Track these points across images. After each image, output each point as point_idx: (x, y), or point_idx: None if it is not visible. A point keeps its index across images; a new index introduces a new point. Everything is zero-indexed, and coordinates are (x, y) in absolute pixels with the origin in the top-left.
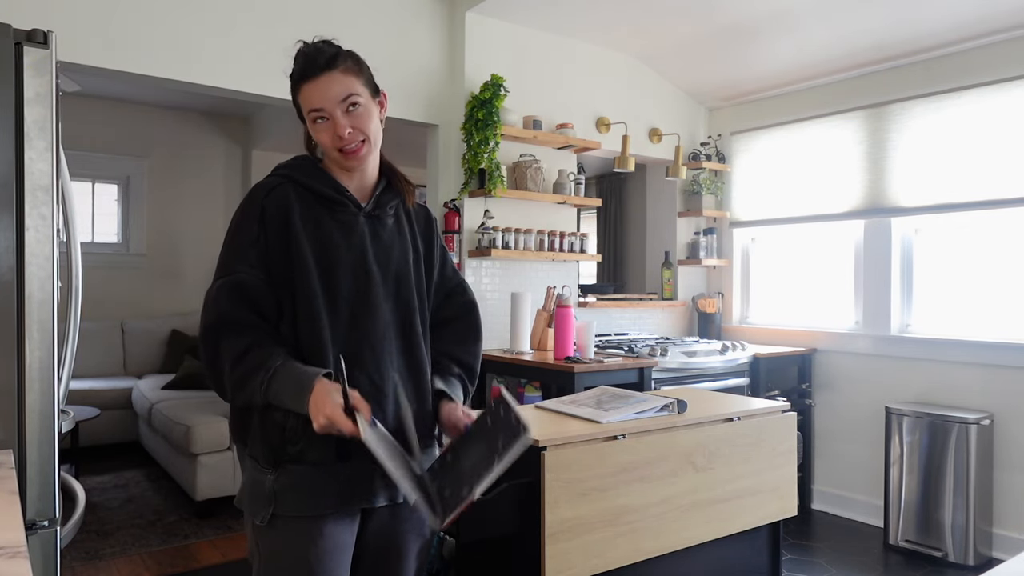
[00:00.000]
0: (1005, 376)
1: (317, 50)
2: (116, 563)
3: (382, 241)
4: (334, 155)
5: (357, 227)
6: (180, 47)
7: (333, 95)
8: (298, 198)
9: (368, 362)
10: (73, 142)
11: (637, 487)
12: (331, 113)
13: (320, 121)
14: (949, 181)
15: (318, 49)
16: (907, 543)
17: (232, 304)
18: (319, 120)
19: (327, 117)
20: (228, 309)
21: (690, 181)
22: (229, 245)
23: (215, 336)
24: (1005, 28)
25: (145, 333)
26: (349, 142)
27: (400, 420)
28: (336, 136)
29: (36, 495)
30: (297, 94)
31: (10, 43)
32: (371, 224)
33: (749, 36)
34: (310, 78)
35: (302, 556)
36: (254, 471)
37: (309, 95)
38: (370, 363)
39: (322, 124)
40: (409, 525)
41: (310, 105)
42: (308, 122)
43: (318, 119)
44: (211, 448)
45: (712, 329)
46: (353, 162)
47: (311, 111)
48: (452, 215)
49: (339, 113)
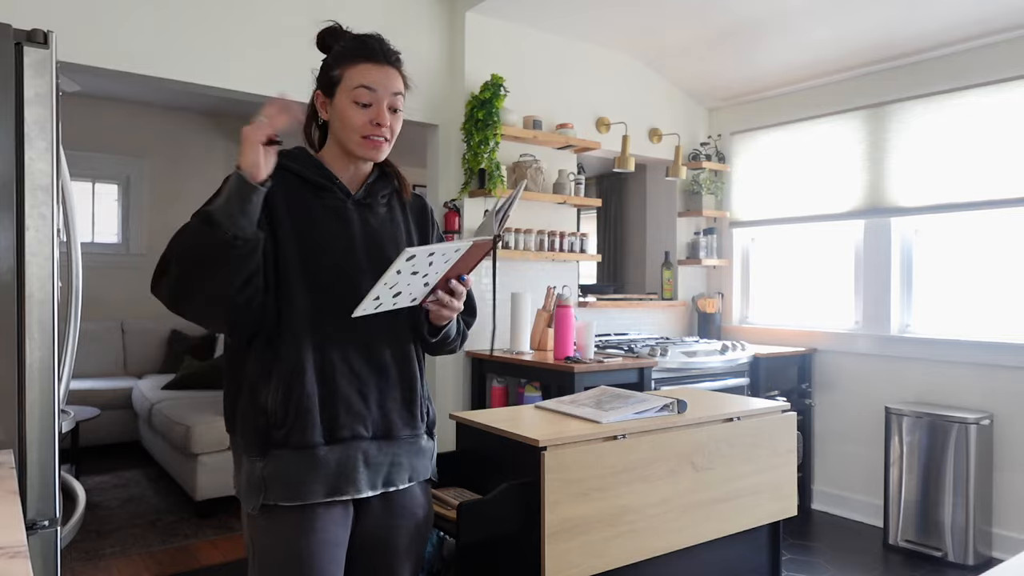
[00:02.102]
0: (1005, 376)
1: (383, 41)
2: (116, 563)
3: (371, 228)
4: (356, 139)
5: (345, 213)
6: (180, 47)
7: (390, 85)
8: (286, 183)
9: (351, 348)
10: (73, 142)
11: (637, 487)
12: (380, 100)
13: (363, 103)
14: (949, 181)
15: (384, 41)
16: (907, 543)
17: None
18: (363, 100)
19: (372, 103)
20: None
21: (690, 181)
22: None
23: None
24: (1005, 28)
25: (145, 333)
26: (381, 132)
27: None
28: (374, 122)
29: (36, 495)
30: (348, 67)
31: (10, 43)
32: (360, 211)
33: (749, 36)
34: (374, 61)
35: (295, 550)
36: (247, 461)
37: (367, 73)
38: (352, 349)
39: (364, 107)
40: (403, 519)
41: (365, 81)
42: (346, 97)
43: (362, 100)
44: (211, 448)
45: (712, 329)
46: (372, 152)
47: (361, 86)
48: (452, 215)
49: (385, 104)
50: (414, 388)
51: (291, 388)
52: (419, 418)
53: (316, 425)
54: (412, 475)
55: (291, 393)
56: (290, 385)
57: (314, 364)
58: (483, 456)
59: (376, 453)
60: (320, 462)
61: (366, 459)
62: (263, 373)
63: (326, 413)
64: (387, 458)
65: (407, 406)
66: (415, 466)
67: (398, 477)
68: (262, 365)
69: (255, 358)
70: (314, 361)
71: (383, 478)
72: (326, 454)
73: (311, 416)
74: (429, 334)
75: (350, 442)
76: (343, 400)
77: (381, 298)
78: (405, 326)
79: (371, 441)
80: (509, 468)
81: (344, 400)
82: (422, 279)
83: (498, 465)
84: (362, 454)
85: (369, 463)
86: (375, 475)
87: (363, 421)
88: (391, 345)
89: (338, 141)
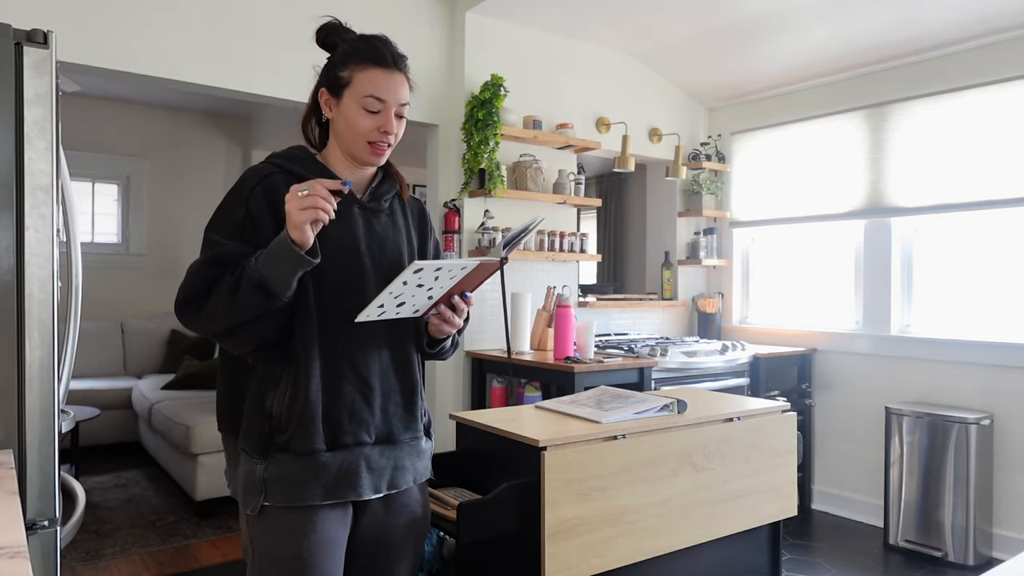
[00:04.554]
0: (1005, 376)
1: (390, 44)
2: (116, 563)
3: (376, 233)
4: (361, 144)
5: (351, 218)
6: (180, 47)
7: (399, 95)
8: (289, 187)
9: (356, 354)
10: (73, 142)
11: (637, 487)
12: (388, 108)
13: (372, 110)
14: (949, 181)
15: (391, 43)
16: (907, 543)
17: (213, 278)
18: (372, 108)
19: (380, 110)
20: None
21: (690, 181)
22: (215, 225)
23: (195, 306)
24: (1005, 28)
25: (145, 333)
26: (386, 140)
27: (387, 416)
28: (381, 130)
29: (36, 495)
30: (356, 70)
31: (10, 43)
32: (365, 216)
33: (749, 36)
34: (384, 66)
35: (295, 550)
36: (246, 462)
37: (378, 81)
38: (358, 355)
39: (373, 113)
40: (403, 519)
41: (374, 91)
42: (354, 103)
43: (372, 107)
44: (211, 448)
45: (712, 329)
46: (376, 159)
47: (371, 96)
48: (452, 215)
49: (393, 112)
50: (415, 391)
51: (296, 393)
52: (419, 420)
53: (318, 432)
54: (415, 477)
55: (296, 398)
56: (296, 390)
57: (320, 369)
58: (483, 456)
59: (378, 458)
60: (322, 467)
61: (368, 464)
62: (269, 377)
63: (329, 420)
64: (390, 462)
65: (408, 409)
66: (417, 468)
67: (402, 480)
68: (268, 369)
69: (261, 361)
70: (320, 366)
71: (387, 481)
72: (328, 460)
73: (314, 423)
74: (428, 345)
75: (353, 448)
76: (347, 406)
77: (385, 306)
78: (407, 329)
79: (373, 446)
80: (509, 468)
81: (348, 406)
82: (427, 292)
83: (498, 465)
84: (364, 460)
85: (372, 468)
86: (378, 479)
87: (366, 427)
88: (394, 349)
89: (341, 143)
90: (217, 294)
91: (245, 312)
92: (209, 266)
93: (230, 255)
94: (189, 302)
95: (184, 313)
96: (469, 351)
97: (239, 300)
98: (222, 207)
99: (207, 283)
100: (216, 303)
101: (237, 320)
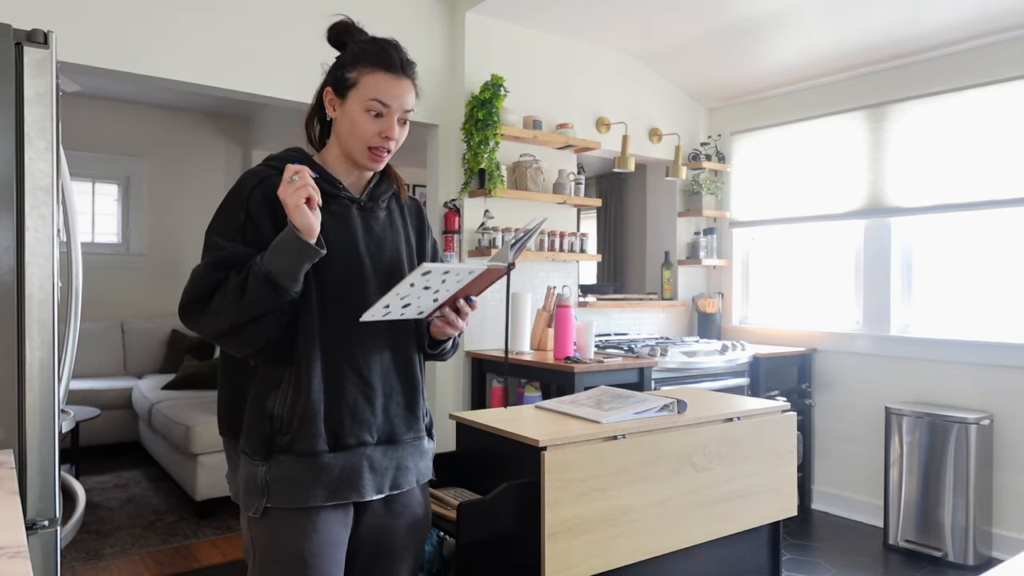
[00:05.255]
0: (1004, 376)
1: (400, 49)
2: (116, 563)
3: (374, 233)
4: (361, 147)
5: (349, 218)
6: (180, 47)
7: (405, 101)
8: None
9: (357, 354)
10: (73, 142)
11: (637, 487)
12: (392, 113)
13: (376, 113)
14: (949, 181)
15: (401, 48)
16: (907, 543)
17: (217, 280)
18: (376, 112)
19: (384, 115)
20: (212, 286)
21: (690, 181)
22: (217, 227)
23: (201, 307)
24: (1005, 28)
25: (145, 333)
26: (387, 145)
27: (388, 414)
28: (383, 135)
29: (36, 495)
30: (364, 73)
31: (10, 43)
32: (363, 216)
33: (749, 36)
34: (392, 71)
35: (296, 551)
36: (247, 464)
37: (384, 85)
38: (359, 355)
39: (376, 117)
40: (404, 519)
41: (379, 95)
42: (358, 105)
43: (376, 111)
44: (211, 448)
45: (712, 329)
46: (374, 165)
47: (375, 99)
48: (452, 215)
49: (396, 118)
50: (416, 391)
51: (298, 394)
52: (421, 420)
53: (320, 434)
54: (418, 477)
55: (297, 399)
56: (297, 391)
57: (321, 370)
58: (483, 456)
59: (381, 458)
60: (324, 469)
61: (371, 465)
62: (270, 378)
63: (331, 421)
64: (392, 463)
65: (410, 409)
66: (419, 468)
67: (404, 480)
68: (269, 370)
69: (263, 362)
70: (322, 367)
71: (390, 482)
72: (330, 461)
73: (315, 425)
74: (429, 346)
75: (355, 449)
76: (349, 407)
77: (391, 307)
78: (409, 329)
79: (375, 447)
80: (509, 468)
81: (350, 407)
82: (432, 294)
83: (498, 465)
84: (367, 460)
85: (374, 468)
86: (381, 480)
87: (368, 428)
88: (396, 350)
89: (342, 144)
90: (223, 293)
91: (253, 309)
92: (213, 269)
93: (233, 257)
94: (194, 304)
95: (189, 315)
96: (469, 351)
97: (247, 297)
98: (222, 209)
99: (212, 285)
100: (222, 302)
101: (244, 318)
